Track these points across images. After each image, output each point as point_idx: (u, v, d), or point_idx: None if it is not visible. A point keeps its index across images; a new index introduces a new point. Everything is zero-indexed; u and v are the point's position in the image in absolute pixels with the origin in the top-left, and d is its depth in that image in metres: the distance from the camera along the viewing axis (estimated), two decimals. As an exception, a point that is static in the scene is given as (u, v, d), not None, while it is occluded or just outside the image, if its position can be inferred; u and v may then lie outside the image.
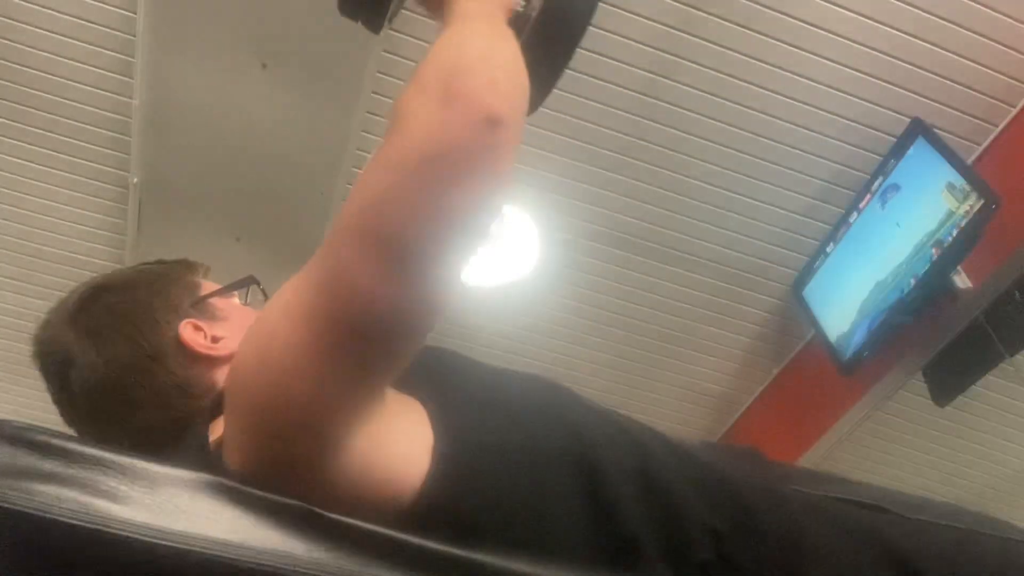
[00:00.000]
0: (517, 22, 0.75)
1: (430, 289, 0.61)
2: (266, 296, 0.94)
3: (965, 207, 1.93)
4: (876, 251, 2.20)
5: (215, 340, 0.84)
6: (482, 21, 0.69)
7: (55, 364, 0.83)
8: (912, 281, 2.07)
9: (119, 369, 0.81)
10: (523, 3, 0.78)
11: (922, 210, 2.06)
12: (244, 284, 0.94)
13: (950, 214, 1.97)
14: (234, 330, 0.85)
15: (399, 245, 0.58)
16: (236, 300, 0.93)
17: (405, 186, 0.58)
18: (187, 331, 0.83)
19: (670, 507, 0.75)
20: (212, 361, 0.83)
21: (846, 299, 2.28)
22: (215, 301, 0.89)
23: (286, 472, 0.64)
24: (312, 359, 0.60)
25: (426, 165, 0.58)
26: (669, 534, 0.73)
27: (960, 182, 1.95)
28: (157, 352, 0.82)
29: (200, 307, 0.87)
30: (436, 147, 0.58)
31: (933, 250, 2.01)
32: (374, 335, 0.60)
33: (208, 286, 0.90)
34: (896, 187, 2.18)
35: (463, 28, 0.68)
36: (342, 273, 0.60)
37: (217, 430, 0.74)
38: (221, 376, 0.82)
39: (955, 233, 1.95)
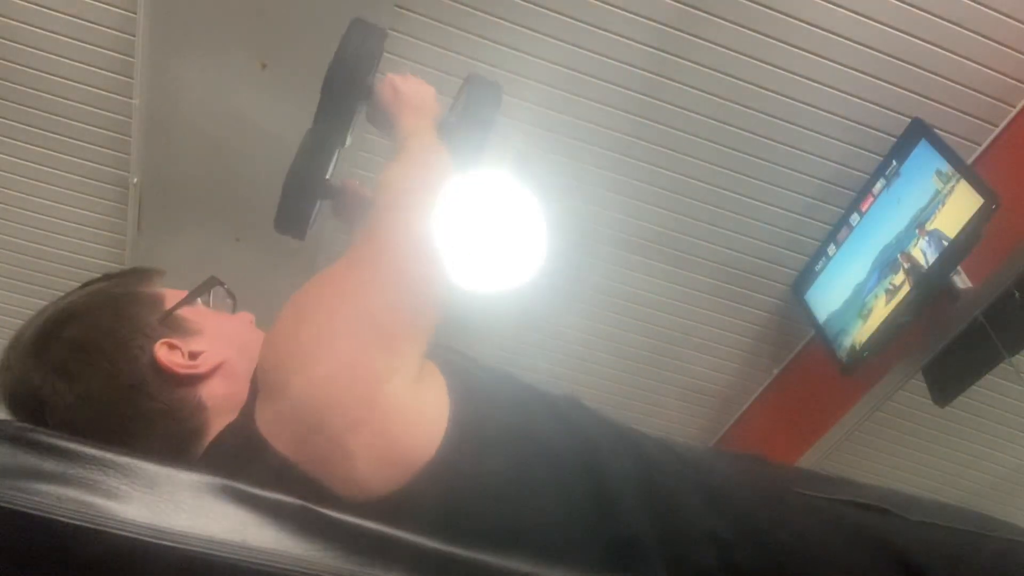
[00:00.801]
0: (445, 127, 1.17)
1: (444, 289, 0.85)
2: (231, 295, 0.91)
3: (948, 187, 1.98)
4: (878, 235, 2.23)
5: (194, 356, 0.79)
6: (425, 136, 1.08)
7: (25, 409, 0.76)
8: (899, 256, 2.10)
9: (98, 405, 0.75)
10: (449, 111, 1.24)
11: (916, 194, 2.10)
12: (207, 287, 0.89)
13: (936, 193, 2.01)
14: (211, 342, 0.81)
15: (434, 246, 0.85)
16: (201, 305, 0.88)
17: (422, 223, 0.87)
18: (163, 352, 0.78)
19: (672, 513, 0.75)
20: (195, 379, 0.78)
21: (848, 285, 2.31)
22: (183, 313, 0.83)
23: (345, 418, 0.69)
24: (393, 322, 0.76)
25: (426, 213, 0.89)
26: (670, 540, 0.74)
27: (947, 168, 2.00)
28: (136, 381, 0.76)
29: (169, 322, 0.81)
30: (427, 205, 0.90)
31: (917, 230, 2.06)
32: (430, 299, 0.82)
33: (171, 294, 0.85)
34: (898, 182, 2.19)
35: (417, 146, 1.04)
36: (407, 271, 0.81)
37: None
38: (208, 392, 0.78)
39: (939, 210, 2.00)
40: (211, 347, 0.81)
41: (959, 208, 1.94)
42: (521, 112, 2.25)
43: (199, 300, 0.87)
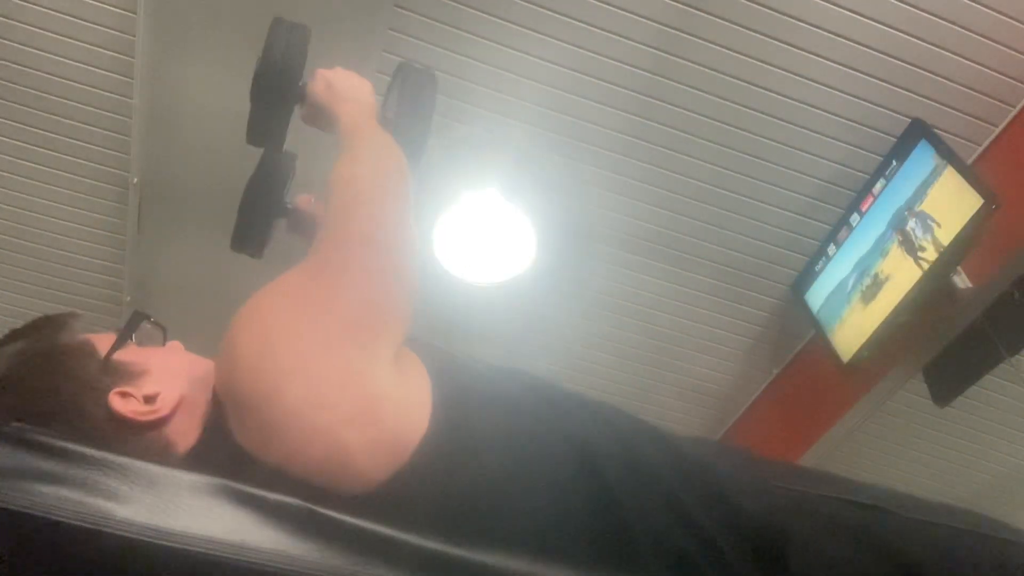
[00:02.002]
0: (384, 120, 1.11)
1: (412, 280, 0.83)
2: (161, 327, 0.87)
3: (941, 163, 2.01)
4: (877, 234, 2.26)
5: (150, 400, 0.75)
6: (368, 130, 1.02)
7: None
8: (892, 232, 2.14)
9: None
10: (384, 105, 1.20)
11: (913, 180, 2.14)
12: (135, 324, 0.83)
13: (931, 171, 2.04)
14: (160, 381, 0.78)
15: (394, 238, 0.84)
16: (134, 344, 0.82)
17: (378, 216, 0.85)
18: (118, 404, 0.74)
19: (654, 494, 0.75)
20: (159, 423, 0.75)
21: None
22: (122, 356, 0.78)
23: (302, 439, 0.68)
24: (357, 330, 0.74)
25: (381, 206, 0.87)
26: (653, 520, 0.74)
27: (938, 156, 2.06)
28: (98, 440, 0.70)
29: (111, 370, 0.76)
30: (382, 197, 0.88)
31: (907, 212, 2.11)
32: (397, 290, 0.80)
33: (100, 340, 0.80)
34: (897, 182, 2.19)
35: (362, 140, 0.99)
36: (368, 266, 0.79)
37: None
38: (173, 431, 0.75)
39: (929, 193, 2.03)
40: (164, 386, 0.77)
41: (954, 200, 1.95)
42: (521, 112, 2.25)
43: (132, 339, 0.82)
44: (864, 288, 2.24)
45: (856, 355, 2.22)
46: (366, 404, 0.70)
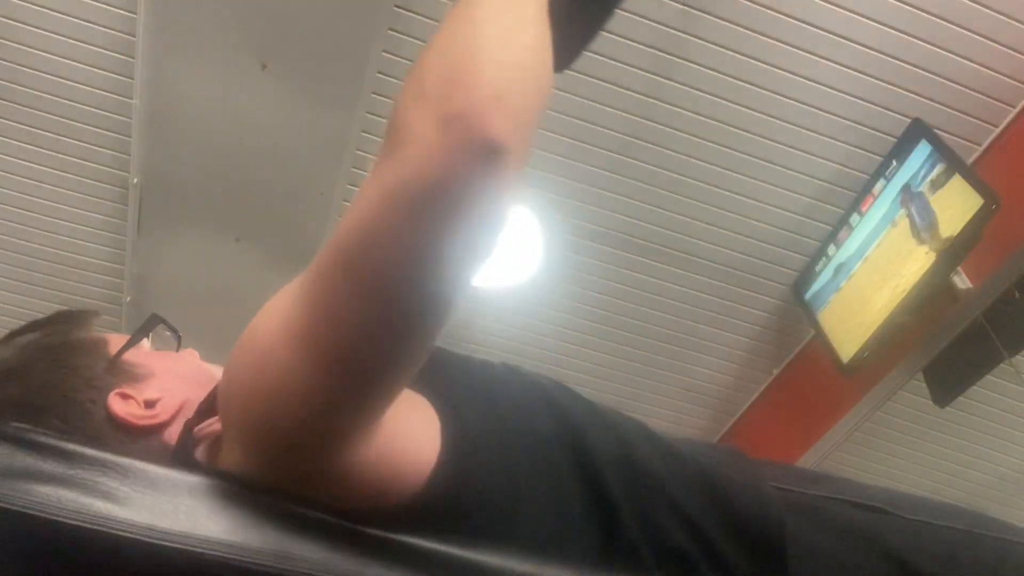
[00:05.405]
0: None
1: (417, 326, 0.59)
2: (174, 332, 0.85)
3: (941, 164, 2.02)
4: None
5: (150, 404, 0.74)
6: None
7: None
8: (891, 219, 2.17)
9: None
10: None
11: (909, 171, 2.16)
12: (150, 326, 0.82)
13: (929, 156, 2.06)
14: (164, 386, 0.76)
15: (386, 284, 0.56)
16: (146, 346, 0.81)
17: (393, 224, 0.54)
18: (117, 405, 0.73)
19: (653, 495, 0.75)
20: (157, 428, 0.73)
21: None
22: (130, 357, 0.77)
23: (294, 477, 0.65)
24: (313, 386, 0.60)
25: (417, 203, 0.53)
26: (652, 521, 0.74)
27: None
28: (94, 440, 0.69)
29: (116, 370, 0.75)
30: (428, 184, 0.53)
31: (901, 195, 2.13)
32: (369, 372, 0.60)
33: (114, 339, 0.78)
34: (897, 183, 2.19)
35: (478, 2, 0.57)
36: (332, 308, 0.58)
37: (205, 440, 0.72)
38: (172, 435, 0.73)
39: (926, 181, 2.04)
40: (167, 391, 0.75)
41: (954, 200, 1.94)
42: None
43: (144, 341, 0.80)
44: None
45: (856, 355, 2.22)
46: (365, 448, 0.64)
